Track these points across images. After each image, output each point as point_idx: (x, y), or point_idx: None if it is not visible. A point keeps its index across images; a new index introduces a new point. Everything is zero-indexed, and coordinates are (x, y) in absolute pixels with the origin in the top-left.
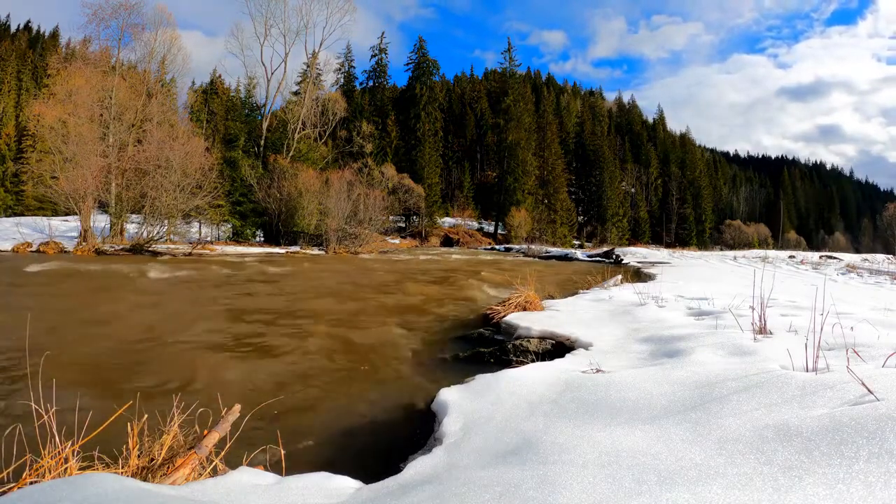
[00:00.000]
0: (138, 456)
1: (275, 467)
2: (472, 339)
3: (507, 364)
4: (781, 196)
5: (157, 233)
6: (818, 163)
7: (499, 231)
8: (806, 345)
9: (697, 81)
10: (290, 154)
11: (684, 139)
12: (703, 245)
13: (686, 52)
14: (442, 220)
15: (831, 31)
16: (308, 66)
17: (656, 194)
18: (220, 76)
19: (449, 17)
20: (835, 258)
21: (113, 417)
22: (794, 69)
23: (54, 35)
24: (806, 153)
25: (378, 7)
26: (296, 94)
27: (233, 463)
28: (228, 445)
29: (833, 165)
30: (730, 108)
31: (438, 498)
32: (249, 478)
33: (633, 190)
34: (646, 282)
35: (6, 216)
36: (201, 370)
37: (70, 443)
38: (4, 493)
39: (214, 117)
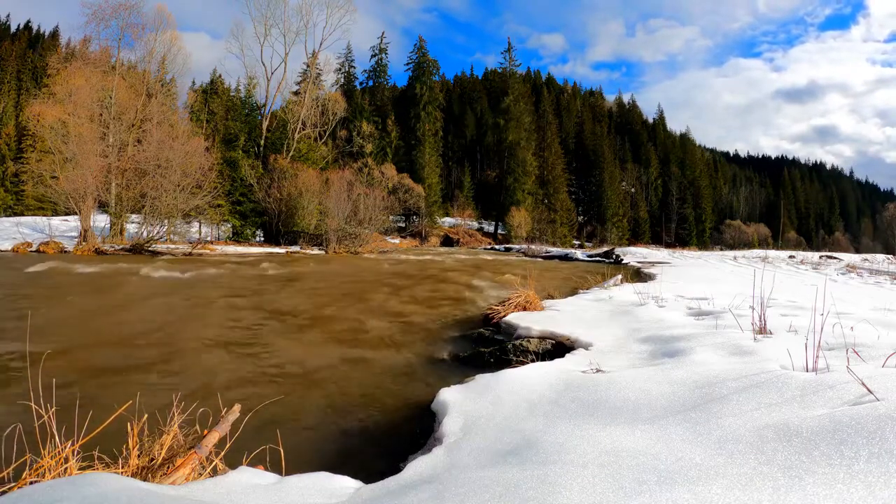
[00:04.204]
0: (138, 456)
1: (275, 467)
2: (472, 339)
3: (507, 364)
4: (781, 196)
5: (157, 233)
6: (818, 163)
7: (499, 231)
8: (806, 345)
9: (695, 84)
10: (290, 154)
11: (684, 139)
12: (703, 245)
13: (683, 56)
14: (442, 219)
15: (826, 36)
16: (308, 66)
17: (656, 194)
18: (220, 76)
19: (450, 23)
20: (835, 258)
21: (113, 417)
22: (789, 71)
23: (54, 35)
24: (803, 154)
25: (380, 12)
26: (296, 93)
27: (233, 463)
28: (228, 445)
29: (833, 165)
30: (727, 110)
31: (438, 498)
32: (249, 478)
33: (633, 190)
34: (646, 282)
35: (6, 216)
36: (201, 370)
37: (70, 443)
38: (4, 492)
39: (214, 117)
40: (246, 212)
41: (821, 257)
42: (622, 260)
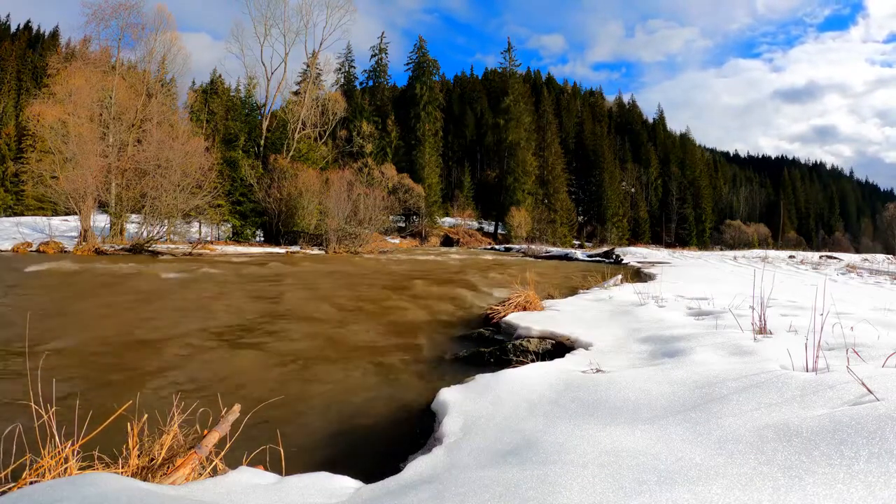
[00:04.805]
0: (138, 456)
1: (275, 467)
2: (472, 339)
3: (507, 364)
4: (781, 196)
5: (157, 232)
6: (818, 163)
7: (499, 231)
8: (806, 345)
9: (694, 85)
10: (290, 154)
11: (684, 139)
12: (703, 245)
13: (682, 56)
14: (442, 219)
15: (825, 37)
16: (308, 66)
17: (656, 194)
18: (220, 76)
19: (450, 23)
20: (835, 258)
21: (113, 417)
22: (788, 72)
23: (54, 35)
24: (803, 154)
25: (380, 13)
26: (296, 93)
27: (233, 463)
28: (228, 445)
29: (833, 165)
30: (726, 111)
31: (438, 498)
32: (249, 477)
33: (633, 190)
34: (646, 282)
35: (6, 216)
36: (201, 370)
37: (70, 443)
38: (4, 492)
39: (214, 117)
40: (246, 212)
41: (821, 257)
42: (622, 260)
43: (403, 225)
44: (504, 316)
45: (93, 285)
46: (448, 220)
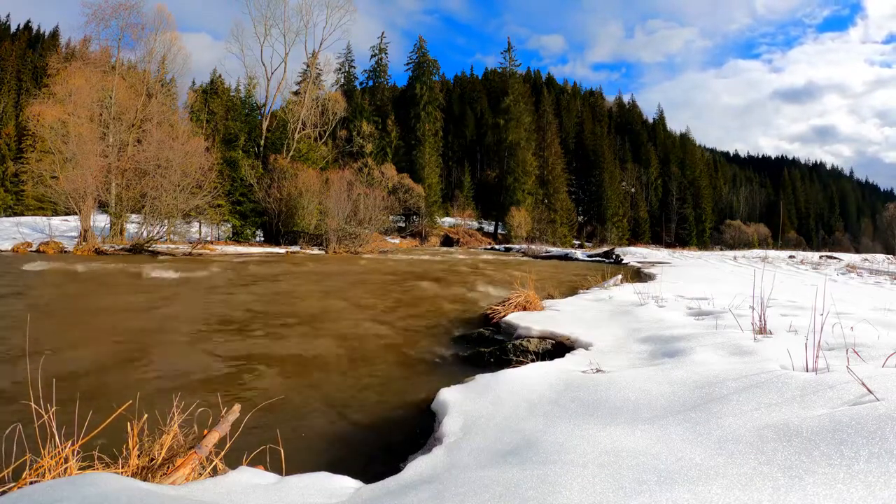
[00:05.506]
0: (138, 456)
1: (275, 467)
2: (472, 339)
3: (507, 364)
4: (781, 196)
5: (157, 232)
6: (818, 163)
7: (499, 231)
8: (806, 345)
9: (694, 85)
10: (290, 154)
11: (684, 139)
12: (703, 245)
13: (682, 57)
14: (442, 219)
15: (824, 37)
16: (308, 66)
17: (656, 194)
18: (220, 76)
19: (450, 24)
20: (835, 258)
21: (113, 417)
22: (787, 72)
23: (54, 35)
24: (803, 154)
25: (381, 13)
26: (296, 93)
27: (233, 463)
28: (228, 445)
29: (833, 165)
30: (726, 111)
31: (438, 498)
32: (249, 477)
33: (633, 190)
34: (646, 282)
35: (6, 216)
36: (201, 370)
37: (70, 443)
38: (4, 492)
39: (214, 117)
40: (246, 212)
41: (821, 257)
42: (622, 260)
43: (403, 225)
44: (504, 316)
45: (92, 285)
46: (448, 220)
